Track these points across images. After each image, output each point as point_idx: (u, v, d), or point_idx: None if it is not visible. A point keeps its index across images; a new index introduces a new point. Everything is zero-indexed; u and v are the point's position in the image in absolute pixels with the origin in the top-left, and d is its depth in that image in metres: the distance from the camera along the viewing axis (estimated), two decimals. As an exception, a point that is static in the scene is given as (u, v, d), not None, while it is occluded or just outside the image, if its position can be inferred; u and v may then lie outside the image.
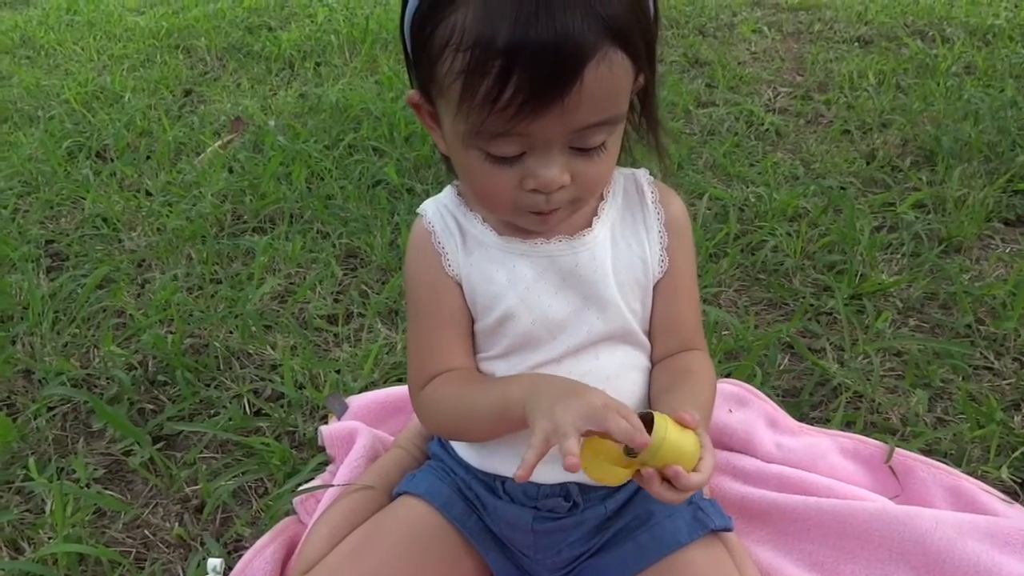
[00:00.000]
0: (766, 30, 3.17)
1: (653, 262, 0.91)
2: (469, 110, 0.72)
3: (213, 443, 1.28)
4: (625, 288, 0.90)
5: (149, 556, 1.10)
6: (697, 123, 2.36)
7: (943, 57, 2.72)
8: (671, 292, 0.93)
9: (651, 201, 0.92)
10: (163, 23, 3.51)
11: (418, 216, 0.94)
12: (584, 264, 0.88)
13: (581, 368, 0.89)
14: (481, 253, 0.89)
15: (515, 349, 0.90)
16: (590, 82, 0.70)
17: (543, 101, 0.70)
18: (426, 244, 0.91)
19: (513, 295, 0.88)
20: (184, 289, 1.66)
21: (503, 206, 0.82)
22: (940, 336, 1.44)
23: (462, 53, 0.70)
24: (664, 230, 0.92)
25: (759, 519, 1.06)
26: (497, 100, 0.70)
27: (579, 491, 0.90)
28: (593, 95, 0.71)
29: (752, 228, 1.79)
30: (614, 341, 0.90)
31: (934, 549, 0.95)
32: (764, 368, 1.35)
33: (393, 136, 2.26)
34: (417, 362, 0.92)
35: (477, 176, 0.80)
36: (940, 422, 1.26)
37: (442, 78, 0.74)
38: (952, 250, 1.70)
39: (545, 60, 0.68)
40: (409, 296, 0.94)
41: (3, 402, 1.38)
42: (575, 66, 0.69)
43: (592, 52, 0.69)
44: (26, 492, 1.20)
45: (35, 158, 2.26)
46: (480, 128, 0.73)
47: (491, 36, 0.68)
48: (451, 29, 0.71)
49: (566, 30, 0.68)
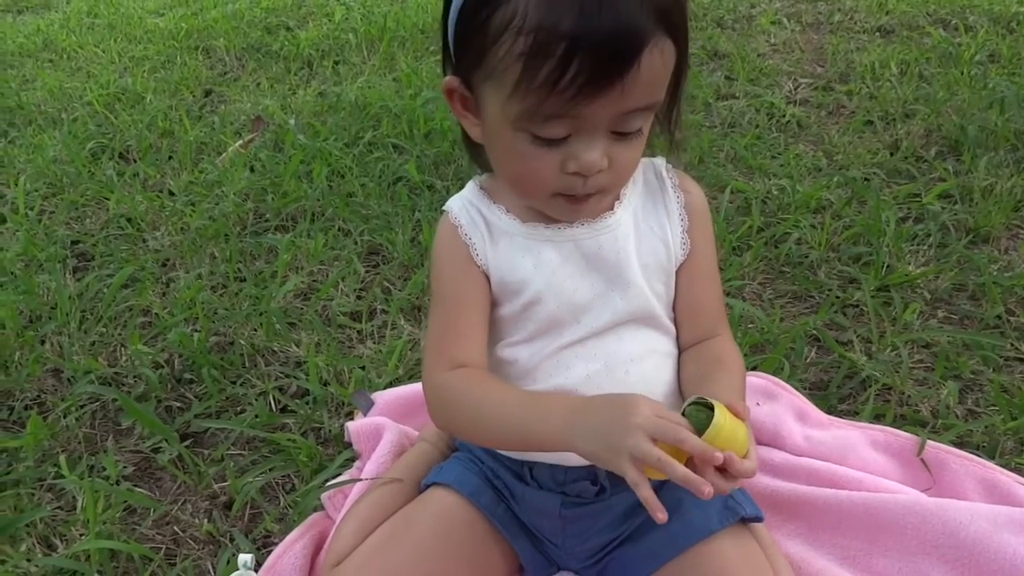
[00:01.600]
0: (785, 21, 3.14)
1: (675, 245, 0.93)
2: (527, 92, 0.74)
3: (240, 440, 1.29)
4: (649, 270, 0.92)
5: (179, 552, 1.11)
6: (717, 116, 2.34)
7: (967, 46, 2.69)
8: (693, 275, 0.95)
9: (671, 186, 0.95)
10: (182, 24, 3.53)
11: (443, 214, 0.95)
12: (607, 246, 0.90)
13: (605, 349, 0.90)
14: (507, 242, 0.91)
15: (540, 333, 0.91)
16: (645, 67, 0.73)
17: (602, 85, 0.73)
18: (453, 237, 0.93)
19: (540, 280, 0.89)
20: (208, 287, 1.67)
21: (540, 189, 0.84)
22: (969, 327, 1.42)
23: (524, 36, 0.73)
24: (684, 212, 0.94)
25: (789, 512, 1.05)
26: (558, 82, 0.73)
27: (606, 475, 0.91)
28: (645, 80, 0.75)
29: (775, 220, 1.77)
30: (637, 324, 0.91)
31: (969, 542, 0.94)
32: (791, 361, 1.34)
33: (413, 133, 2.26)
34: (436, 344, 0.92)
35: (520, 158, 0.82)
36: (971, 414, 1.24)
37: (497, 62, 0.76)
38: (980, 240, 1.68)
39: (607, 46, 0.72)
40: (434, 284, 0.95)
41: (33, 401, 1.40)
42: (634, 52, 0.72)
43: (648, 38, 0.73)
44: (57, 489, 1.22)
45: (59, 160, 2.29)
46: (536, 110, 0.76)
47: (556, 21, 0.71)
48: (512, 13, 0.73)
49: (627, 18, 0.72)
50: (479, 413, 0.87)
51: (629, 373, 0.89)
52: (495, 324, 0.94)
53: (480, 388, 0.88)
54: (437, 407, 0.92)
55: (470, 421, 0.89)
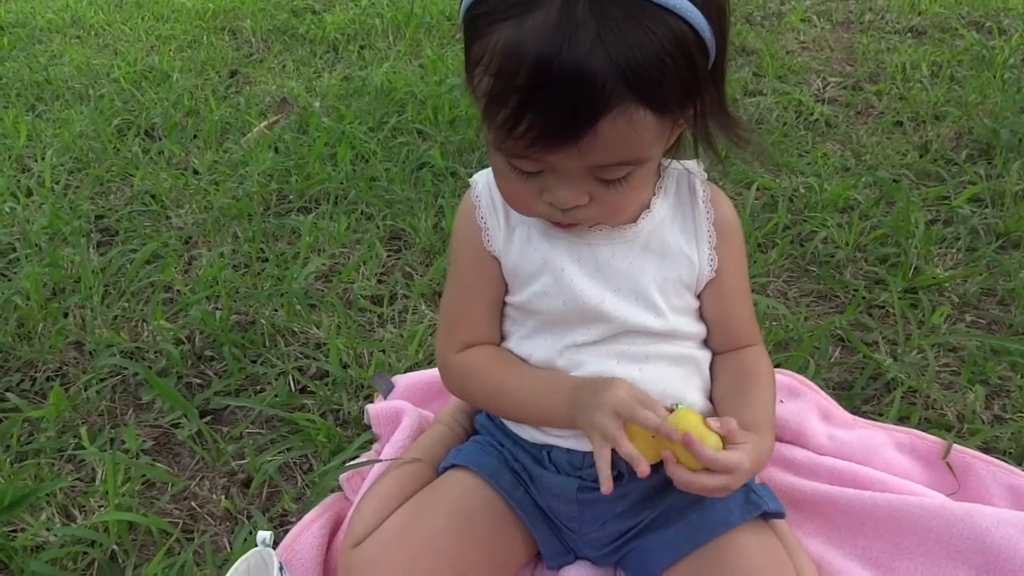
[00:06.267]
0: (815, 19, 3.11)
1: (701, 261, 0.92)
2: (490, 128, 0.74)
3: (259, 419, 1.29)
4: (667, 284, 0.91)
5: (197, 528, 1.12)
6: (744, 112, 2.32)
7: (1000, 49, 2.65)
8: (722, 293, 0.95)
9: (702, 201, 0.93)
10: (209, 5, 3.54)
11: (469, 187, 0.96)
12: (620, 256, 0.90)
13: (617, 349, 0.91)
14: (523, 231, 0.92)
15: (547, 327, 0.92)
16: (605, 132, 0.70)
17: (554, 141, 0.71)
18: (471, 217, 0.94)
19: (547, 275, 0.90)
20: (231, 266, 1.67)
21: (523, 210, 0.86)
22: (998, 332, 1.41)
23: (489, 77, 0.72)
24: (713, 229, 0.93)
25: (811, 511, 1.04)
26: (512, 130, 0.71)
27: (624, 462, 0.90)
28: (608, 142, 0.71)
29: (802, 219, 1.76)
30: (650, 333, 0.91)
31: (994, 548, 0.92)
32: (815, 360, 1.33)
33: (437, 119, 2.26)
34: (448, 324, 0.98)
35: (503, 178, 0.83)
36: (998, 419, 1.22)
37: (474, 87, 0.76)
38: (1010, 245, 1.65)
39: (558, 105, 0.69)
40: (451, 259, 0.99)
41: (56, 372, 1.41)
42: (588, 117, 0.69)
43: (610, 106, 0.69)
44: (77, 461, 1.22)
45: (86, 135, 2.30)
46: (500, 146, 0.76)
47: (513, 71, 0.69)
48: (484, 48, 0.72)
49: (585, 82, 0.67)
50: (495, 392, 0.94)
51: (643, 370, 0.90)
52: (507, 311, 0.97)
53: (496, 369, 0.94)
54: (453, 384, 1.00)
55: (486, 399, 0.96)
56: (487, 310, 0.96)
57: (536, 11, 0.68)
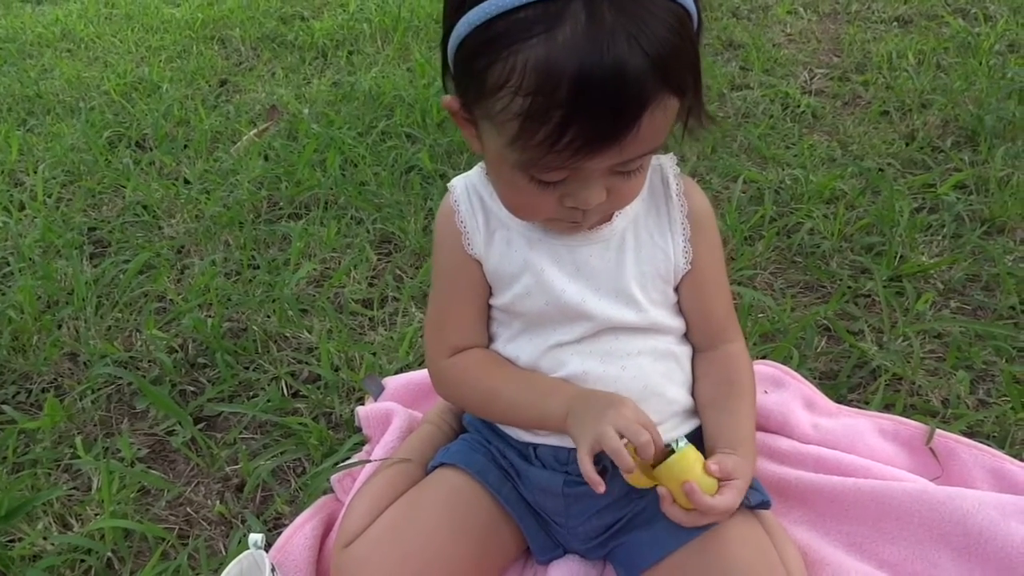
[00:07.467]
0: (801, 11, 3.12)
1: (676, 253, 0.94)
2: (524, 147, 0.73)
3: (252, 424, 1.31)
4: (646, 279, 0.93)
5: (192, 533, 1.13)
6: (731, 106, 2.33)
7: (986, 35, 2.65)
8: (699, 285, 0.96)
9: (675, 193, 0.94)
10: (198, 15, 3.55)
11: (447, 191, 0.98)
12: (597, 255, 0.92)
13: (600, 347, 0.92)
14: (502, 234, 0.93)
15: (532, 328, 0.94)
16: (645, 126, 0.72)
17: (598, 146, 0.72)
18: (450, 221, 0.96)
19: (529, 276, 0.92)
20: (222, 274, 1.69)
21: (532, 217, 0.88)
22: (982, 318, 1.42)
23: (522, 98, 0.70)
24: (687, 221, 0.94)
25: (796, 500, 1.05)
26: (555, 145, 0.71)
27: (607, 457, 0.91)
28: (645, 136, 0.73)
29: (788, 210, 1.77)
30: (631, 329, 0.93)
31: (976, 530, 0.93)
32: (801, 350, 1.34)
33: (426, 122, 2.27)
34: (436, 331, 0.99)
35: (518, 192, 0.82)
36: (982, 404, 1.23)
37: (496, 112, 0.74)
38: (995, 231, 1.66)
39: (606, 114, 0.70)
40: (434, 265, 1.00)
41: (51, 384, 1.42)
42: (632, 116, 0.70)
43: (651, 101, 0.71)
44: (73, 470, 1.24)
45: (77, 148, 2.31)
46: (534, 163, 0.75)
47: (554, 84, 0.68)
48: (510, 70, 0.70)
49: (631, 83, 0.68)
50: (487, 397, 0.95)
51: (626, 368, 0.92)
52: (493, 313, 0.98)
53: (487, 374, 0.95)
54: (444, 390, 1.01)
55: (478, 404, 0.98)
56: (473, 313, 0.97)
57: (563, 24, 0.68)
